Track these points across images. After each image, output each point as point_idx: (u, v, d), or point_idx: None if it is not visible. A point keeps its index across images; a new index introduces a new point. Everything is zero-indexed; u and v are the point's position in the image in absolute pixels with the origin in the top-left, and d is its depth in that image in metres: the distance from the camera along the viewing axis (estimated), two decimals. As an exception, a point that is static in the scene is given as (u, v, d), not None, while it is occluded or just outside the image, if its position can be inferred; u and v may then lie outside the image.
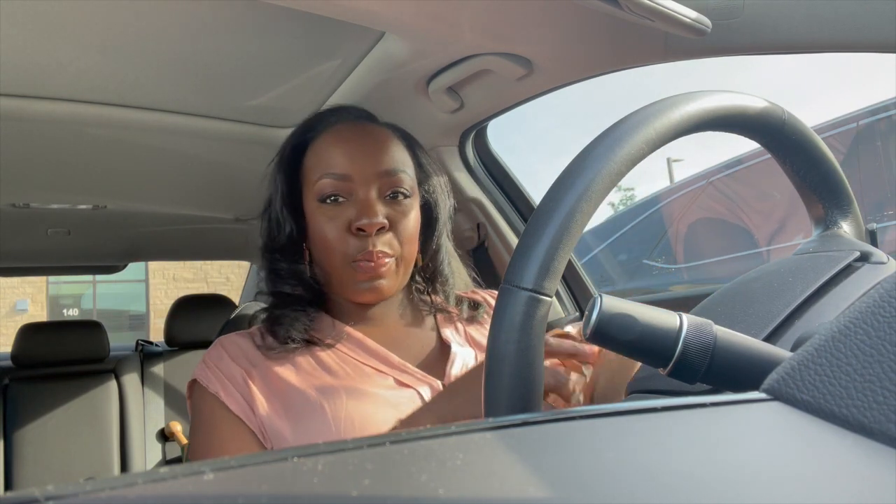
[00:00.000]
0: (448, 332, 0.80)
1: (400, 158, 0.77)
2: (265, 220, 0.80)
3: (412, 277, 0.82)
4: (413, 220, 0.76)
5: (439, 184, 0.84)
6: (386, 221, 0.73)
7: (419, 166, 0.82)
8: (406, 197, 0.76)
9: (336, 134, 0.76)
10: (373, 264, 0.72)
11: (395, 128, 0.82)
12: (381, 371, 0.72)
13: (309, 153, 0.77)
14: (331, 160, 0.74)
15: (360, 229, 0.71)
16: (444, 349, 0.78)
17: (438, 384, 0.72)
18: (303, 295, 0.76)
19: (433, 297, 0.82)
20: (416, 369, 0.73)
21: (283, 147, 0.80)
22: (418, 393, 0.70)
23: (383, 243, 0.72)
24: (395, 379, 0.71)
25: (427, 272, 0.83)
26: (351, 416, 0.65)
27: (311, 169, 0.76)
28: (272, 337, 0.74)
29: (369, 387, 0.69)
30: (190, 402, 0.76)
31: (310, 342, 0.74)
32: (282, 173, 0.78)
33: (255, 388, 0.69)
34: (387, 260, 0.73)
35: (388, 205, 0.74)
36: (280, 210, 0.77)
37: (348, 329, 0.76)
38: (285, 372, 0.71)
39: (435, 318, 0.82)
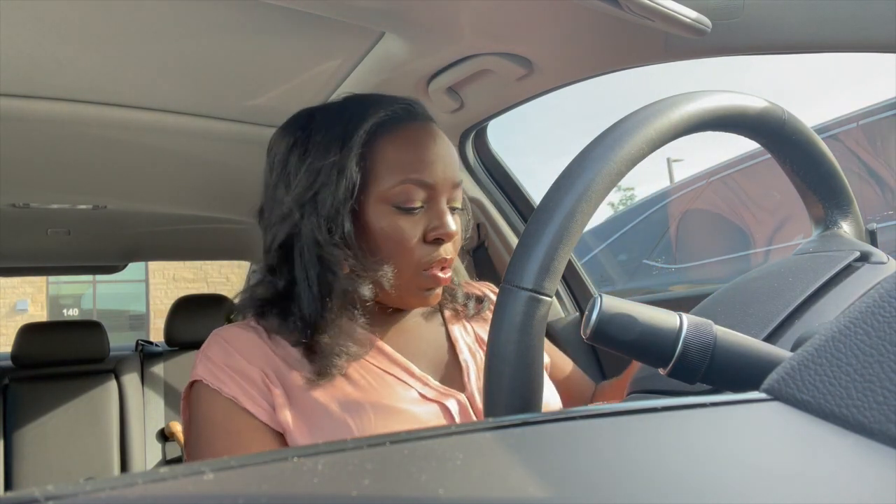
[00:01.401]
0: (457, 332, 0.79)
1: (460, 169, 0.76)
2: (278, 213, 0.70)
3: None
4: (462, 230, 0.76)
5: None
6: (459, 233, 0.73)
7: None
8: (461, 208, 0.76)
9: (414, 135, 0.71)
10: (445, 274, 0.71)
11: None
12: (403, 381, 0.69)
13: (379, 150, 0.69)
14: (414, 164, 0.69)
15: (438, 239, 0.70)
16: (454, 353, 0.77)
17: (462, 397, 0.70)
18: (335, 316, 0.69)
19: (451, 296, 0.82)
20: (436, 383, 0.71)
21: (333, 137, 0.69)
22: (444, 407, 0.68)
23: (449, 252, 0.72)
24: (418, 392, 0.68)
25: None
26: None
27: (386, 169, 0.69)
28: (311, 360, 0.67)
29: (395, 402, 0.66)
30: (186, 403, 0.69)
31: None
32: (343, 165, 0.67)
33: (277, 393, 0.65)
34: (450, 271, 0.73)
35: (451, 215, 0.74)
36: (342, 207, 0.67)
37: (372, 338, 0.73)
38: (303, 379, 0.66)
39: (442, 314, 0.81)
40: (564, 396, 0.83)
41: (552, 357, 0.90)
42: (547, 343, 0.74)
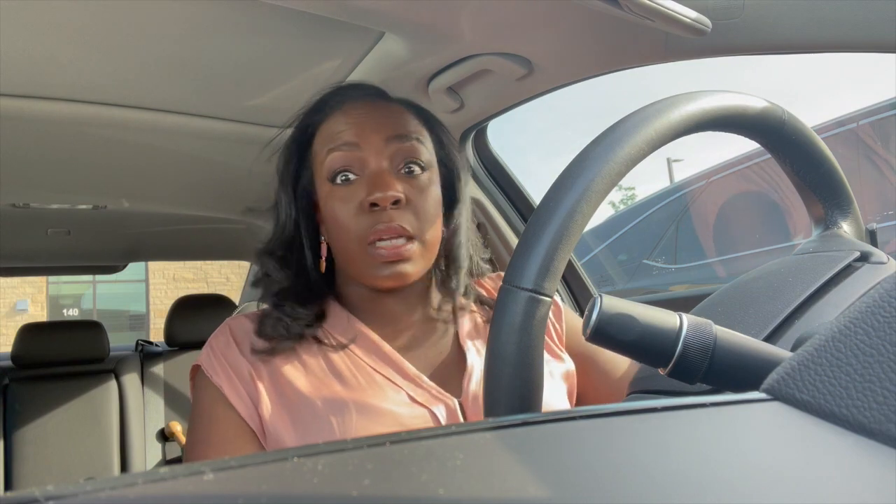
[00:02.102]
0: (466, 330, 0.75)
1: (413, 128, 0.71)
2: (274, 215, 0.75)
3: (435, 265, 0.75)
4: (433, 197, 0.70)
5: (459, 159, 0.77)
6: (402, 194, 0.66)
7: (437, 141, 0.75)
8: (423, 170, 0.70)
9: (344, 111, 0.71)
10: (392, 244, 0.65)
11: (409, 102, 0.76)
12: (394, 382, 0.67)
13: (317, 136, 0.72)
14: (338, 133, 0.69)
15: (373, 204, 0.65)
16: (461, 354, 0.72)
17: (454, 402, 0.66)
18: (303, 291, 0.72)
19: (453, 287, 0.75)
20: (431, 384, 0.67)
21: (289, 138, 0.75)
22: (432, 413, 0.65)
23: (400, 218, 0.66)
24: (407, 394, 0.66)
25: (446, 258, 0.76)
26: (359, 434, 0.62)
27: (320, 148, 0.71)
28: (260, 334, 0.69)
29: (381, 402, 0.64)
30: (192, 385, 0.72)
31: (320, 340, 0.69)
32: (291, 162, 0.73)
33: (261, 388, 0.66)
34: (409, 244, 0.66)
35: (403, 180, 0.68)
36: (290, 201, 0.72)
37: (363, 328, 0.71)
38: (294, 372, 0.67)
39: (454, 309, 0.76)
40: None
41: (599, 358, 0.79)
42: (591, 346, 0.70)
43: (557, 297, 0.87)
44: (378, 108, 0.72)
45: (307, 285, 0.72)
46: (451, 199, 0.76)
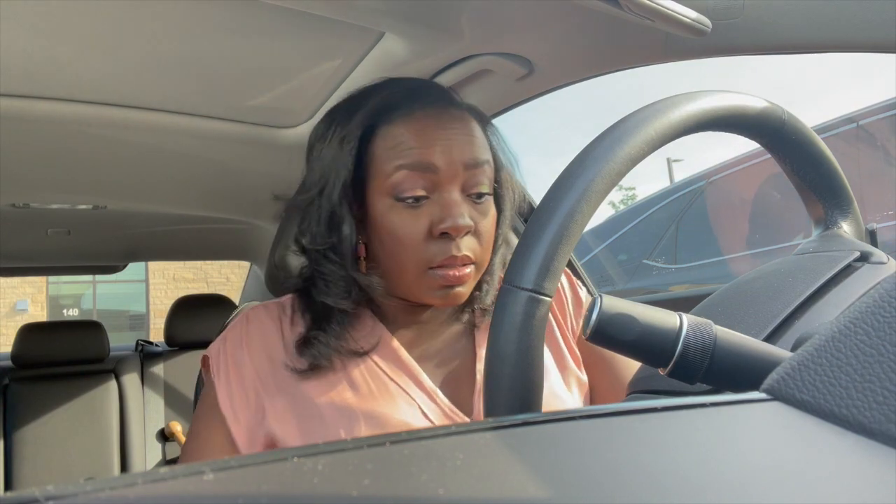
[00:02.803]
0: (483, 343, 0.70)
1: (485, 148, 0.68)
2: (309, 212, 0.68)
3: None
4: (492, 220, 0.68)
5: (509, 169, 0.74)
6: (472, 224, 0.64)
7: (493, 153, 0.71)
8: (487, 195, 0.67)
9: (415, 120, 0.65)
10: (456, 272, 0.63)
11: (474, 108, 0.71)
12: (408, 393, 0.65)
13: (379, 140, 0.65)
14: (410, 149, 0.63)
15: (444, 232, 0.62)
16: (474, 366, 0.70)
17: (465, 420, 0.65)
18: (349, 307, 0.67)
19: (483, 296, 0.73)
20: (445, 401, 0.66)
21: (340, 129, 0.67)
22: None
23: (467, 248, 0.64)
24: (420, 409, 0.64)
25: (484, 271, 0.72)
26: None
27: (384, 158, 0.64)
28: (301, 353, 0.65)
29: (392, 412, 0.63)
30: (202, 371, 0.71)
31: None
32: (342, 159, 0.65)
33: (268, 392, 0.64)
34: (468, 268, 0.64)
35: (471, 205, 0.65)
36: (339, 203, 0.65)
37: (385, 334, 0.69)
38: (305, 376, 0.65)
39: (473, 319, 0.73)
40: None
41: (613, 362, 0.75)
42: (603, 350, 0.69)
43: (584, 293, 0.82)
44: (453, 122, 0.66)
45: (346, 288, 0.67)
46: (500, 213, 0.72)
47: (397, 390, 0.65)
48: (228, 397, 0.65)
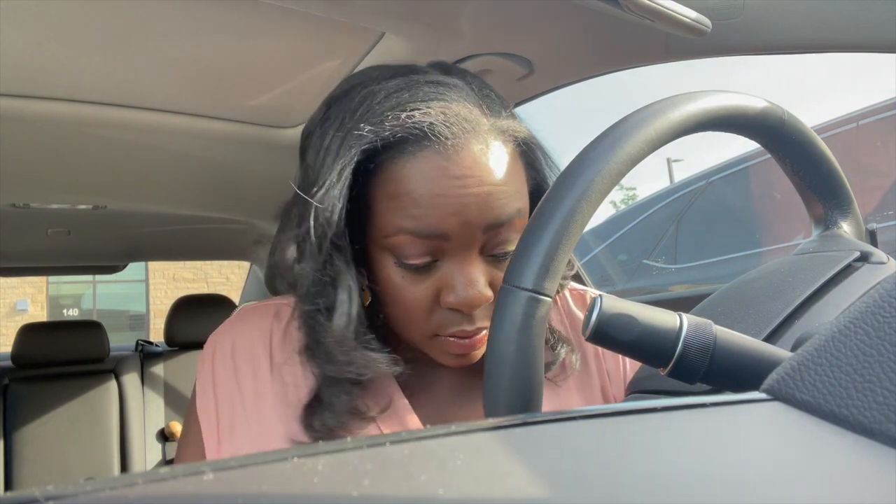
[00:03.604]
0: None
1: (517, 191, 0.53)
2: (303, 246, 0.55)
3: None
4: None
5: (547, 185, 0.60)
6: (490, 294, 0.52)
7: (531, 168, 0.57)
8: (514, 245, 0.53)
9: (425, 163, 0.50)
10: (468, 342, 0.54)
11: (508, 128, 0.54)
12: None
13: (378, 179, 0.52)
14: (415, 210, 0.50)
15: (454, 309, 0.53)
16: None
17: None
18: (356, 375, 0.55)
19: None
20: None
21: (335, 148, 0.53)
22: None
23: (482, 318, 0.53)
24: None
25: None
26: None
27: (383, 210, 0.52)
28: (307, 414, 0.55)
29: None
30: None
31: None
32: (331, 198, 0.50)
33: (237, 428, 0.57)
34: (483, 331, 0.54)
35: (491, 264, 0.53)
36: (330, 257, 0.52)
37: (395, 396, 0.59)
38: (284, 422, 0.56)
39: None
40: None
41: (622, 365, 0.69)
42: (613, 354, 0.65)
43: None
44: (473, 166, 0.50)
45: (349, 358, 0.54)
46: None
47: None
48: (207, 420, 0.60)
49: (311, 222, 0.51)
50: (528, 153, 0.57)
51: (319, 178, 0.52)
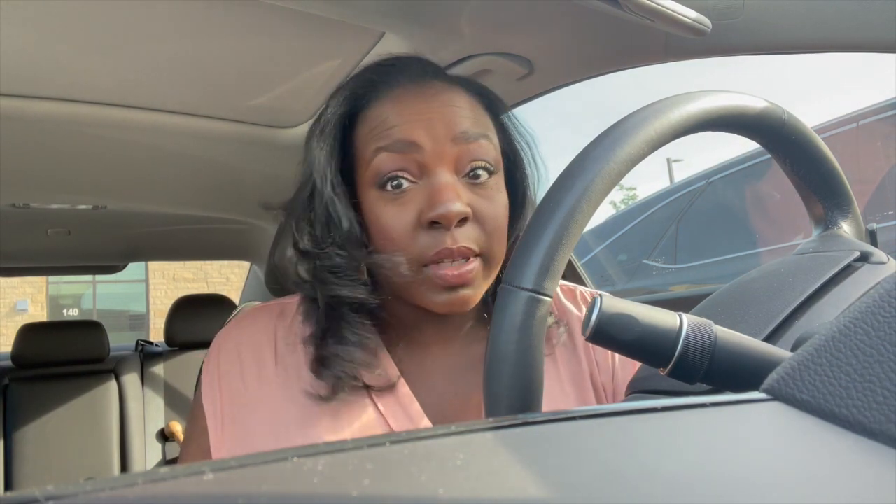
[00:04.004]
0: None
1: (481, 121, 0.59)
2: (304, 214, 0.60)
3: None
4: (501, 205, 0.58)
5: (527, 150, 0.65)
6: (469, 209, 0.55)
7: (502, 130, 0.63)
8: (491, 173, 0.57)
9: (395, 96, 0.58)
10: (455, 270, 0.54)
11: (470, 82, 0.63)
12: None
13: (360, 126, 0.59)
14: (389, 128, 0.56)
15: (434, 221, 0.54)
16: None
17: None
18: (365, 296, 0.58)
19: None
20: None
21: (325, 118, 0.61)
22: None
23: (466, 237, 0.55)
24: None
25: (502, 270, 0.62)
26: None
27: (365, 143, 0.58)
28: (317, 371, 0.57)
29: None
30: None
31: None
32: (325, 151, 0.58)
33: (240, 417, 0.58)
34: (472, 263, 0.55)
35: (469, 188, 0.56)
36: (331, 199, 0.57)
37: (393, 371, 0.60)
38: (286, 404, 0.58)
39: None
40: None
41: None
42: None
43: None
44: (438, 94, 0.58)
45: (357, 277, 0.58)
46: (515, 199, 0.63)
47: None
48: (214, 414, 0.61)
49: (313, 179, 0.58)
50: (498, 113, 0.63)
51: (316, 146, 0.59)
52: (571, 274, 1.37)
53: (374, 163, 0.56)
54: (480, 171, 0.57)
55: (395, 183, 0.56)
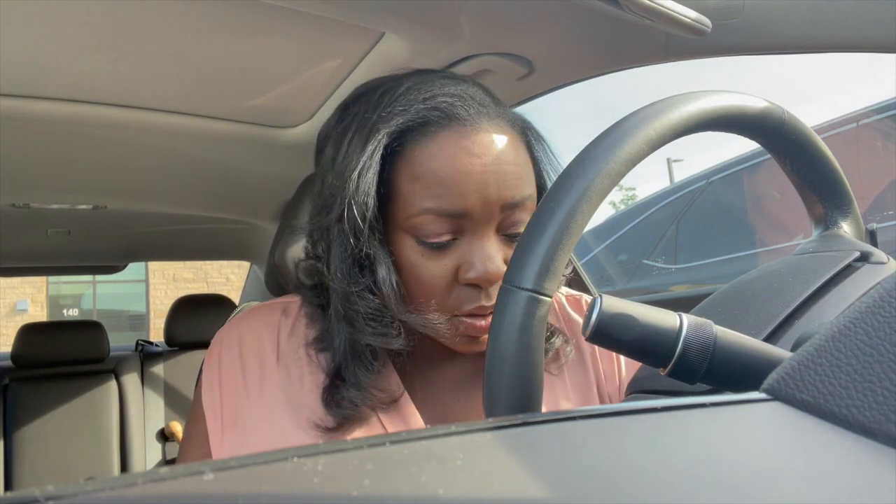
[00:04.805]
0: None
1: (525, 173, 0.57)
2: (328, 239, 0.58)
3: None
4: None
5: (553, 176, 0.64)
6: (504, 268, 0.55)
7: (535, 163, 0.61)
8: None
9: (444, 143, 0.54)
10: (485, 322, 0.55)
11: (515, 117, 0.60)
12: None
13: (402, 163, 0.55)
14: (438, 185, 0.53)
15: (472, 284, 0.55)
16: None
17: None
18: (403, 345, 0.56)
19: None
20: None
21: (358, 141, 0.56)
22: None
23: (493, 297, 0.55)
24: None
25: None
26: None
27: (408, 192, 0.54)
28: (326, 404, 0.57)
29: None
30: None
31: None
32: (368, 178, 0.54)
33: (241, 418, 0.59)
34: None
35: (505, 242, 0.57)
36: (368, 241, 0.55)
37: (400, 394, 0.60)
38: (289, 415, 0.58)
39: None
40: None
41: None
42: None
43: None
44: (489, 147, 0.55)
45: (397, 328, 0.57)
46: None
47: None
48: (214, 416, 0.61)
49: (346, 207, 0.54)
50: (532, 143, 0.61)
51: (349, 167, 0.55)
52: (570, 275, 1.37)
53: (420, 220, 0.54)
54: (519, 230, 0.57)
55: (436, 243, 0.55)
